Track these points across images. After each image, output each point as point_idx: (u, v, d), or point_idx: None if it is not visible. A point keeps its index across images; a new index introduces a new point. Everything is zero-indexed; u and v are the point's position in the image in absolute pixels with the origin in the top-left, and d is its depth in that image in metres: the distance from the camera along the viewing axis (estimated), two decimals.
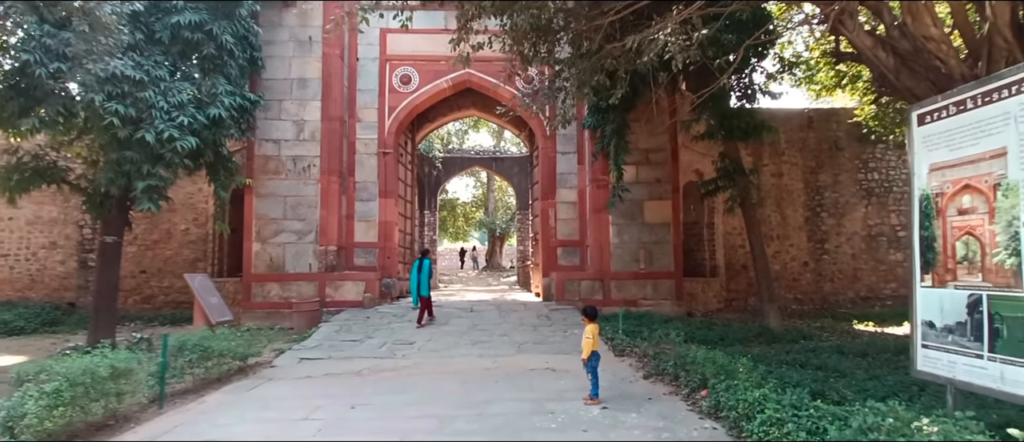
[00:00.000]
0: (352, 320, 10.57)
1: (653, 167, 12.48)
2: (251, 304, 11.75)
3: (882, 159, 15.31)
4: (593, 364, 5.58)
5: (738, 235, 14.90)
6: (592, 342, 5.53)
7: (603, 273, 12.22)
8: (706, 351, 6.01)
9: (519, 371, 7.12)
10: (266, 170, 12.09)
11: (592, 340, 5.54)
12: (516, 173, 24.81)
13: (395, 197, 13.46)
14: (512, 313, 11.24)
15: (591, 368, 5.57)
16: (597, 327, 5.71)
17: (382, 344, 8.79)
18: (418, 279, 10.23)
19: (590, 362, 5.57)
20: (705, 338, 8.80)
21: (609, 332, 9.39)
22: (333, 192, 12.20)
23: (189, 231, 14.25)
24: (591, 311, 5.80)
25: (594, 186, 12.48)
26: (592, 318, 5.70)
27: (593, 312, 5.78)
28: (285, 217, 12.05)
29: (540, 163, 13.78)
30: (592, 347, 5.53)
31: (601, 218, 12.36)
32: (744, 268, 14.82)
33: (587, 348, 5.54)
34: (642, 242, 12.32)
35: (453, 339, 9.15)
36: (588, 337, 5.56)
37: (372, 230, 13.11)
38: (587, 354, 5.55)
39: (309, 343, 8.91)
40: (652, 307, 12.01)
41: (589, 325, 5.64)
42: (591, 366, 5.58)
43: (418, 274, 10.28)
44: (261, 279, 11.85)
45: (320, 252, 12.05)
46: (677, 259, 12.37)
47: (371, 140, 13.26)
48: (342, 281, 12.02)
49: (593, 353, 5.56)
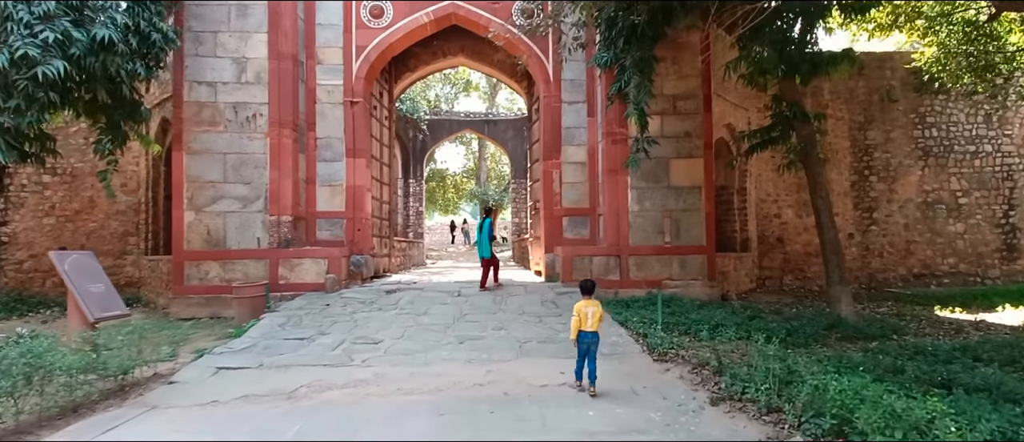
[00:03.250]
0: (306, 309, 8.30)
1: (681, 118, 10.15)
2: (184, 288, 9.44)
3: (942, 113, 13.07)
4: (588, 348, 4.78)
5: (772, 203, 12.73)
6: (579, 321, 4.78)
7: (620, 247, 10.00)
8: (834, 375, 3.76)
9: (524, 390, 4.92)
10: (199, 120, 9.63)
11: (578, 319, 4.78)
12: (510, 137, 22.46)
13: (366, 157, 11.07)
14: (510, 298, 9.03)
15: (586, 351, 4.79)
16: (599, 308, 4.85)
17: (338, 344, 6.55)
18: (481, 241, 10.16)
19: (581, 344, 4.79)
20: (764, 332, 6.64)
21: (637, 324, 7.21)
22: (286, 149, 9.79)
23: (118, 199, 11.81)
24: (589, 285, 4.99)
25: (608, 141, 10.16)
26: (589, 293, 4.93)
27: (590, 286, 4.98)
28: (225, 180, 9.65)
29: (542, 116, 11.40)
30: (581, 327, 4.77)
31: (617, 181, 10.07)
32: (780, 242, 12.70)
33: (575, 328, 4.81)
34: (667, 210, 10.08)
35: (434, 335, 6.93)
36: (576, 315, 4.80)
37: (338, 197, 10.76)
38: (575, 335, 4.82)
39: (239, 343, 6.65)
40: (679, 289, 9.84)
41: (584, 302, 4.84)
42: (585, 350, 4.79)
43: (481, 234, 10.22)
44: (196, 257, 9.52)
45: (271, 223, 9.70)
46: (710, 230, 10.15)
47: (335, 87, 10.81)
48: (299, 259, 9.71)
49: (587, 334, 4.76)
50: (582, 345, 4.78)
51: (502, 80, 15.39)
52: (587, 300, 4.86)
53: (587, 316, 4.75)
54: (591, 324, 4.75)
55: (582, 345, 4.78)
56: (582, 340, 4.77)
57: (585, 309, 4.78)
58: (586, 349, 4.77)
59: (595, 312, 4.78)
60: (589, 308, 4.79)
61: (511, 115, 23.56)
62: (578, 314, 4.77)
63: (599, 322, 4.79)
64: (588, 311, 4.77)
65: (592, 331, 4.75)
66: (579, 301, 4.87)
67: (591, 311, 4.77)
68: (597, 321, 4.77)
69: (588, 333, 4.75)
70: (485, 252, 10.12)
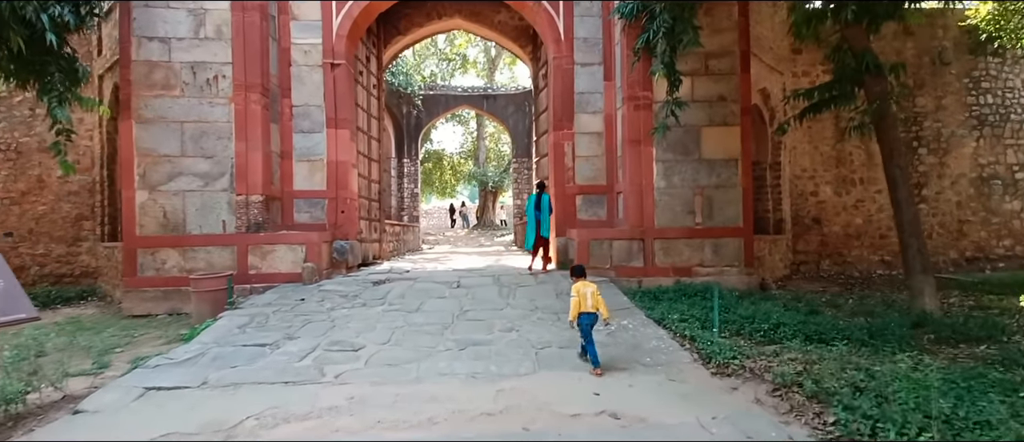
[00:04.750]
0: (276, 305, 6.97)
1: (714, 79, 8.74)
2: (137, 280, 8.08)
3: (998, 77, 11.68)
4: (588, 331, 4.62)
5: (808, 179, 11.38)
6: (579, 302, 4.60)
7: (644, 230, 8.66)
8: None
9: (550, 422, 3.61)
10: (151, 83, 8.19)
11: (578, 300, 4.60)
12: (511, 113, 21.00)
13: (350, 128, 9.65)
14: (518, 289, 7.70)
15: (585, 333, 4.64)
16: (595, 287, 4.69)
17: (308, 351, 5.22)
18: (537, 217, 9.05)
19: (582, 326, 4.62)
20: (835, 332, 5.34)
21: (678, 323, 5.91)
22: (255, 117, 8.37)
23: (69, 178, 10.39)
24: (579, 269, 4.98)
25: (630, 107, 8.75)
26: (581, 276, 4.86)
27: (581, 270, 4.96)
28: (183, 153, 8.24)
29: (552, 80, 9.96)
30: (582, 309, 4.58)
31: (640, 153, 8.70)
32: (817, 222, 11.37)
33: (574, 309, 4.64)
34: (699, 186, 8.73)
35: (428, 338, 5.60)
36: (575, 296, 4.64)
37: (318, 174, 9.36)
38: (574, 316, 4.65)
39: (184, 351, 5.31)
40: (712, 277, 8.54)
41: (578, 282, 4.73)
42: (588, 332, 4.63)
43: (536, 211, 9.06)
44: (151, 244, 8.15)
45: (238, 204, 8.32)
46: (747, 209, 8.81)
47: (313, 46, 9.35)
48: (272, 246, 8.35)
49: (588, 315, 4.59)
50: (584, 327, 4.63)
51: (504, 45, 13.89)
52: (583, 281, 4.73)
53: (586, 296, 4.60)
54: (591, 304, 4.58)
55: (584, 327, 4.63)
56: (583, 322, 4.62)
57: (583, 289, 4.63)
58: (588, 331, 4.62)
59: (594, 292, 4.64)
60: (587, 288, 4.64)
61: (512, 90, 22.05)
62: (577, 294, 4.62)
63: (598, 301, 4.62)
64: (586, 291, 4.62)
65: (592, 311, 4.60)
66: (579, 283, 4.70)
67: (590, 291, 4.62)
68: (597, 300, 4.61)
69: (589, 314, 4.60)
70: (545, 231, 9.15)
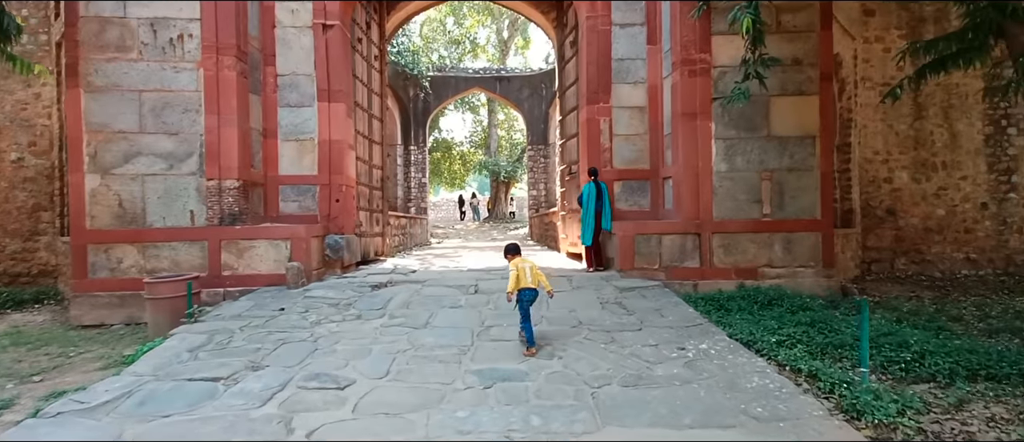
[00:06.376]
0: (246, 317, 5.52)
1: (787, 38, 7.16)
2: (87, 283, 6.67)
3: None
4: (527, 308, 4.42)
5: (881, 163, 9.77)
6: (519, 276, 4.44)
7: (699, 223, 7.13)
8: None
9: None
10: (102, 44, 6.74)
11: (518, 275, 4.44)
12: (526, 97, 19.44)
13: (346, 103, 8.16)
14: (551, 297, 6.19)
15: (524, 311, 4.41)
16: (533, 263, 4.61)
17: (274, 390, 3.76)
18: (597, 209, 7.65)
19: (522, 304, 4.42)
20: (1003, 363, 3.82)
21: (774, 347, 4.39)
22: (229, 85, 6.90)
23: (24, 162, 9.02)
24: (513, 247, 4.81)
25: (683, 73, 7.19)
26: (515, 254, 4.69)
27: (515, 248, 4.78)
28: (142, 129, 6.80)
29: (585, 46, 8.40)
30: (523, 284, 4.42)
31: (697, 129, 7.15)
32: (890, 214, 9.77)
33: (513, 283, 4.45)
34: (767, 169, 7.18)
35: (441, 369, 4.13)
36: (515, 271, 4.48)
37: (308, 156, 7.90)
38: (513, 289, 4.45)
39: (107, 388, 3.87)
40: (783, 280, 7.02)
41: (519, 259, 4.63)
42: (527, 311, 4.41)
43: (598, 203, 7.65)
44: (104, 238, 6.73)
45: (209, 191, 6.88)
46: (826, 198, 7.26)
47: (301, 5, 7.85)
48: (250, 241, 6.90)
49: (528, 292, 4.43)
50: (524, 305, 4.45)
51: (523, 12, 12.33)
52: (519, 257, 4.65)
53: (525, 271, 4.49)
54: (531, 279, 4.47)
55: (524, 305, 4.45)
56: (523, 297, 4.45)
57: (522, 264, 4.55)
58: (527, 309, 4.44)
59: (533, 267, 4.56)
60: (525, 263, 4.56)
61: (527, 71, 20.48)
62: (516, 269, 4.50)
63: (538, 275, 4.51)
64: (525, 266, 4.52)
65: (533, 287, 4.47)
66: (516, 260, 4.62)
67: (528, 266, 4.53)
68: (536, 275, 4.50)
69: (530, 289, 4.46)
70: (607, 224, 7.67)
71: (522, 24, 27.16)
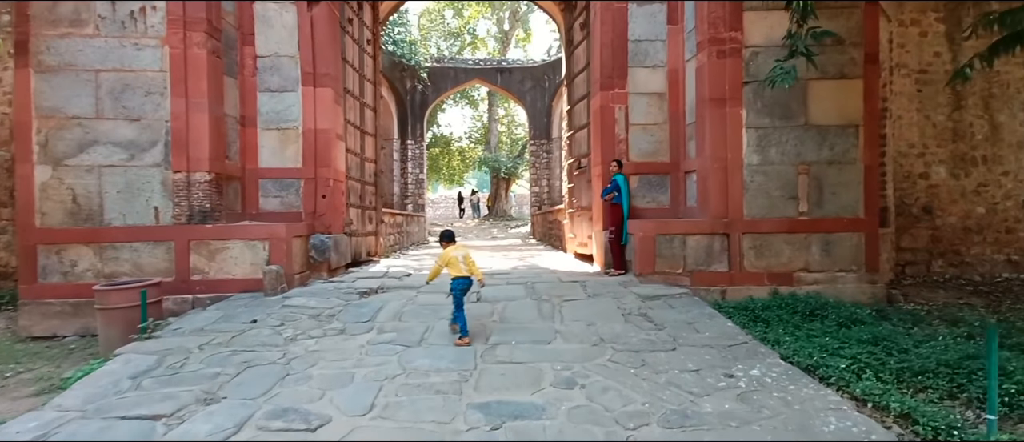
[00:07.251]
0: (209, 332, 4.72)
1: (829, 15, 6.36)
2: (37, 289, 5.87)
3: None
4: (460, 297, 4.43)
5: (916, 157, 9.01)
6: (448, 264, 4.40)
7: (727, 222, 6.35)
8: None
9: None
10: (54, 19, 5.93)
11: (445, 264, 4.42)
12: (529, 89, 18.66)
13: (334, 88, 7.36)
14: (564, 305, 5.41)
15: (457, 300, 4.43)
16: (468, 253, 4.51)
17: (227, 433, 2.98)
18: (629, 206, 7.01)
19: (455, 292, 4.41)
20: None
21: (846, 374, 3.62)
22: (200, 65, 6.09)
23: None
24: (448, 234, 4.68)
25: (710, 54, 6.40)
26: (450, 241, 4.60)
27: (449, 235, 4.67)
28: (99, 114, 6.00)
29: (597, 27, 7.60)
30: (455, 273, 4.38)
31: (726, 117, 6.37)
32: (926, 212, 9.00)
33: (435, 273, 4.55)
34: (804, 162, 6.40)
35: (438, 401, 3.36)
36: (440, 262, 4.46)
37: (292, 146, 7.11)
38: (434, 277, 4.62)
39: (20, 429, 3.08)
40: (822, 286, 6.26)
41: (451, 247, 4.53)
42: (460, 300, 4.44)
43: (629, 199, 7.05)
44: (56, 238, 5.93)
45: (177, 185, 6.08)
46: (871, 194, 6.50)
47: None
48: (223, 241, 6.10)
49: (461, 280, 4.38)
50: (457, 295, 4.41)
51: None
52: (452, 245, 4.56)
53: (458, 260, 4.42)
54: (464, 268, 4.38)
55: (457, 295, 4.41)
56: (455, 287, 4.41)
57: (454, 253, 4.46)
58: (460, 298, 4.41)
59: (466, 255, 4.47)
60: (458, 251, 4.49)
61: (529, 63, 19.68)
62: (446, 259, 4.44)
63: (472, 264, 4.42)
64: (458, 255, 4.44)
65: (466, 276, 4.39)
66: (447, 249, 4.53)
67: (461, 255, 4.45)
68: (470, 264, 4.41)
69: (463, 279, 4.39)
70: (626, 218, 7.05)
71: (524, 15, 26.31)
